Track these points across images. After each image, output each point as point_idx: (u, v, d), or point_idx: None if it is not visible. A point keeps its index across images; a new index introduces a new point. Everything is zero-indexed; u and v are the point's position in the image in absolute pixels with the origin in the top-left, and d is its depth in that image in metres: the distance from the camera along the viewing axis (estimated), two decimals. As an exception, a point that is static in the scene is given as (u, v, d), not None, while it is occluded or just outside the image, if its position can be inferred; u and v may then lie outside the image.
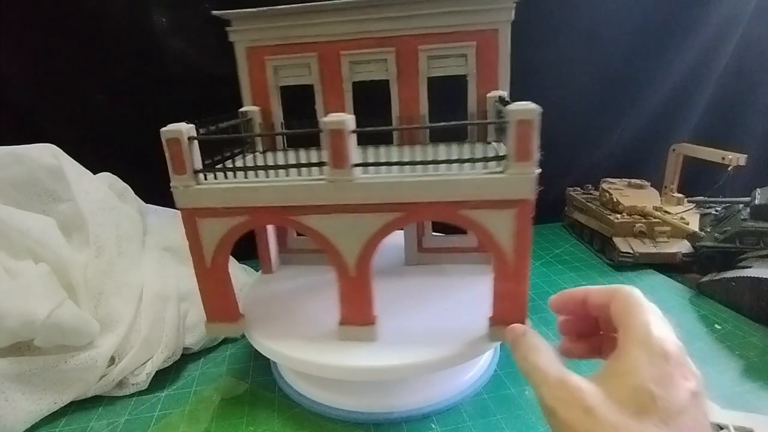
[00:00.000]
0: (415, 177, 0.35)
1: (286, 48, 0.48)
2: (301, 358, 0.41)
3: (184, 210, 0.39)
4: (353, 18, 0.45)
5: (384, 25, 0.46)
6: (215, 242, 0.40)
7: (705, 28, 0.84)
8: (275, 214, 0.39)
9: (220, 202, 0.38)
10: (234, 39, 0.48)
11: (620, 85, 0.84)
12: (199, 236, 0.40)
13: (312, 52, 0.48)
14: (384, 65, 0.47)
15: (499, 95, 0.46)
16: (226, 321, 0.44)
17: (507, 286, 0.37)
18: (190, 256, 0.41)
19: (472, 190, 0.34)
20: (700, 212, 0.73)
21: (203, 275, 0.41)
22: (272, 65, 0.49)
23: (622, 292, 0.28)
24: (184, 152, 0.36)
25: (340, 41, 0.47)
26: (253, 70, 0.49)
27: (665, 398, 0.23)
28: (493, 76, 0.47)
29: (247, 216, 0.39)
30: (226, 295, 0.43)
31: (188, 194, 0.38)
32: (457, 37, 0.45)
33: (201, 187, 0.38)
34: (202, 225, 0.39)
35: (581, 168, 0.88)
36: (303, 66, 0.48)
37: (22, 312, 0.41)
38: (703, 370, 0.45)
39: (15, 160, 0.47)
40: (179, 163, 0.37)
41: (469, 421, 0.42)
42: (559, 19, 0.77)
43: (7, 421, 0.42)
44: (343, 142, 0.34)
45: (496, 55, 0.46)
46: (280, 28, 0.47)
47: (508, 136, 0.33)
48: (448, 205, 0.35)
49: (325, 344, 0.41)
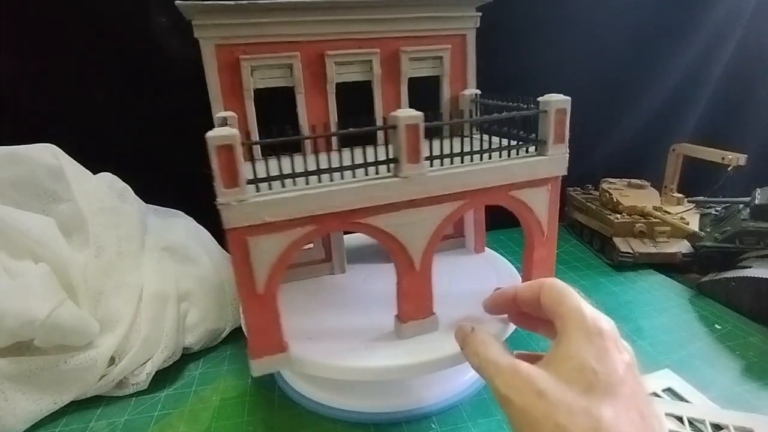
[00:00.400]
0: (476, 166, 0.38)
1: (263, 47, 0.44)
2: (360, 365, 0.38)
3: (235, 230, 0.33)
4: (339, 18, 0.45)
5: (368, 26, 0.46)
6: (271, 263, 0.35)
7: (705, 28, 0.84)
8: (342, 219, 0.36)
9: (281, 214, 0.34)
10: (200, 35, 0.42)
11: (620, 85, 0.84)
12: (250, 258, 0.34)
13: (294, 52, 0.45)
14: (368, 66, 0.47)
15: (474, 93, 0.51)
16: (274, 353, 0.38)
17: (542, 253, 0.43)
18: (237, 284, 0.35)
19: (522, 173, 0.39)
20: (700, 212, 0.73)
21: (253, 304, 0.36)
22: (249, 66, 0.44)
23: (547, 284, 0.32)
24: (237, 161, 0.32)
25: (325, 41, 0.45)
26: (224, 71, 0.44)
27: (606, 372, 0.26)
28: (463, 76, 0.52)
29: (312, 226, 0.35)
30: (276, 325, 0.37)
31: (242, 210, 0.33)
32: (435, 40, 0.49)
33: (259, 200, 0.33)
34: (255, 244, 0.34)
35: (581, 168, 0.88)
36: (283, 67, 0.45)
37: (22, 312, 0.41)
38: (703, 370, 0.46)
39: (15, 160, 0.47)
40: (230, 174, 0.32)
41: (469, 421, 0.42)
42: (560, 19, 0.77)
43: (7, 421, 0.42)
44: (418, 136, 0.35)
45: (465, 57, 0.51)
46: (257, 24, 0.43)
47: (545, 123, 0.39)
48: (501, 188, 0.39)
49: (366, 347, 0.40)
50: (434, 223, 0.38)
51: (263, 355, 0.38)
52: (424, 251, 0.38)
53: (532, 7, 0.76)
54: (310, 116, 0.45)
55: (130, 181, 0.58)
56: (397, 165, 0.36)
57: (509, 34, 0.76)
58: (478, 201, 0.39)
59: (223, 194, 0.32)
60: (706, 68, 0.88)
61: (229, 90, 0.44)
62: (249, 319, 0.36)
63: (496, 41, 0.75)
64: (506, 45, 0.76)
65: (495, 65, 0.75)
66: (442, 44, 0.49)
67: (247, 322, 0.37)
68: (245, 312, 0.36)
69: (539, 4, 0.76)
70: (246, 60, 0.43)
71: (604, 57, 0.81)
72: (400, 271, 0.39)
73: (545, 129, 0.39)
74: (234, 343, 0.55)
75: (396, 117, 0.34)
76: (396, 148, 0.35)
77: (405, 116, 0.34)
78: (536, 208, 0.41)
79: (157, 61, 0.65)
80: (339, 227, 0.37)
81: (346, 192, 0.35)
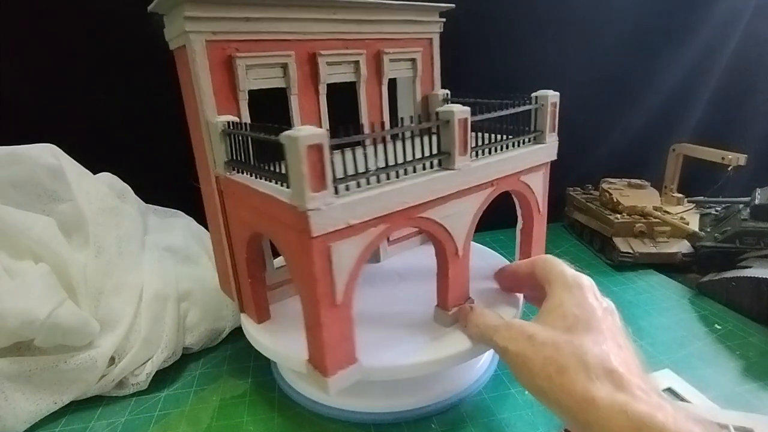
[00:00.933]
0: (503, 155, 0.42)
1: (256, 45, 0.41)
2: (428, 359, 0.38)
3: (320, 237, 0.31)
4: (329, 17, 0.44)
5: (355, 27, 0.46)
6: (350, 269, 0.33)
7: (705, 28, 0.84)
8: (407, 215, 0.35)
9: (363, 215, 0.32)
10: (190, 29, 0.37)
11: (620, 85, 0.84)
12: (332, 266, 0.32)
13: (289, 51, 0.42)
14: (355, 67, 0.47)
15: (445, 93, 0.53)
16: (348, 366, 0.36)
17: (539, 228, 0.49)
18: (313, 298, 0.33)
19: (529, 160, 0.44)
20: (700, 212, 0.73)
21: (332, 317, 0.33)
22: (244, 64, 0.40)
23: (540, 258, 0.39)
24: (326, 161, 0.30)
25: (316, 40, 0.44)
26: (215, 71, 0.39)
27: (585, 315, 0.32)
28: (432, 78, 0.54)
29: (383, 225, 0.34)
30: (351, 335, 0.36)
31: (329, 215, 0.30)
32: (410, 43, 0.50)
33: (345, 201, 0.31)
34: (337, 251, 0.32)
35: (581, 168, 0.88)
36: (277, 67, 0.42)
37: (22, 312, 0.41)
38: (703, 370, 0.46)
39: (15, 160, 0.47)
40: (320, 175, 0.29)
41: (469, 421, 0.42)
42: (560, 19, 0.77)
43: (7, 421, 0.42)
44: (467, 130, 0.37)
45: (433, 60, 0.53)
46: (250, 20, 0.40)
47: (542, 115, 0.44)
48: (516, 174, 0.43)
49: (425, 341, 0.40)
50: (473, 211, 0.41)
51: (337, 371, 0.35)
52: (466, 238, 0.41)
53: (532, 7, 0.76)
54: (303, 118, 0.45)
55: (130, 181, 0.58)
56: (449, 157, 0.37)
57: (509, 34, 0.76)
58: (502, 187, 0.43)
59: (312, 198, 0.29)
60: (706, 68, 0.88)
61: (222, 91, 0.40)
62: (326, 334, 0.33)
63: (496, 41, 0.76)
64: (506, 45, 0.76)
65: (495, 65, 0.76)
66: (415, 47, 0.51)
67: (321, 337, 0.34)
68: (321, 327, 0.33)
69: (539, 4, 0.76)
70: (241, 58, 0.40)
71: (604, 57, 0.81)
72: (446, 260, 0.40)
73: (542, 120, 0.45)
74: (234, 343, 0.55)
75: (450, 111, 0.36)
76: (448, 142, 0.37)
77: (458, 110, 0.36)
78: (536, 189, 0.46)
79: (157, 61, 0.65)
80: (404, 224, 0.36)
81: (414, 187, 0.35)
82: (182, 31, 0.38)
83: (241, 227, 0.41)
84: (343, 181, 0.32)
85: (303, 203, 0.29)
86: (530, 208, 0.47)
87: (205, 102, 0.39)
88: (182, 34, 0.38)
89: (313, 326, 0.34)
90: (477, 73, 0.74)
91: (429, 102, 0.54)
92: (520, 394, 0.44)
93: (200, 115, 0.40)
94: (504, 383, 0.46)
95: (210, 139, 0.40)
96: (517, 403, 0.43)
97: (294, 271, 0.35)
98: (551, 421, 0.41)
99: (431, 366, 0.39)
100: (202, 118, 0.40)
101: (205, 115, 0.40)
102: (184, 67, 0.41)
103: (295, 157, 0.29)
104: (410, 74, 0.52)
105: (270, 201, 0.34)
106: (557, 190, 0.87)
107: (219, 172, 0.41)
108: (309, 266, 0.32)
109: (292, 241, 0.33)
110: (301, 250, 0.32)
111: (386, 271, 0.54)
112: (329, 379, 0.35)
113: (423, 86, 0.53)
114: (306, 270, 0.32)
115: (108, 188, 0.54)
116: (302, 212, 0.30)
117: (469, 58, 0.75)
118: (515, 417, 0.42)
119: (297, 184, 0.30)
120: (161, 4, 0.39)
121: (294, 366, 0.40)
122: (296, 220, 0.31)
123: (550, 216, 0.49)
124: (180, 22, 0.37)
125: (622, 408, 0.26)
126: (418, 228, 0.38)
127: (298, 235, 0.31)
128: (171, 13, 0.40)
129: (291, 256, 0.35)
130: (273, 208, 0.34)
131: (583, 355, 0.29)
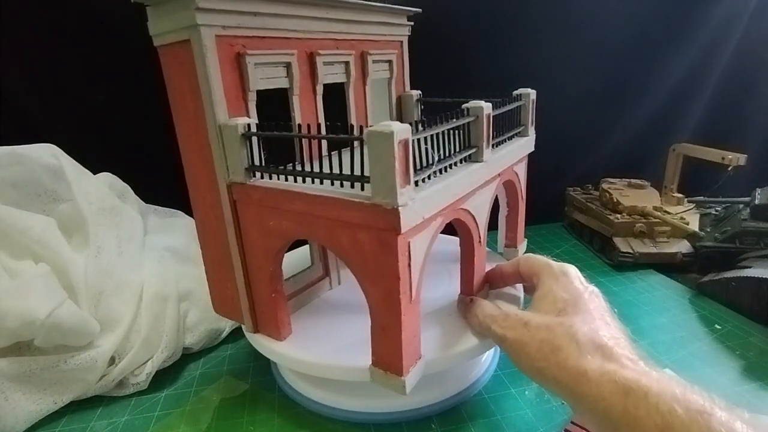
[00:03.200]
0: (509, 147, 0.45)
1: (264, 42, 0.38)
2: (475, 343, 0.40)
3: (404, 234, 0.30)
4: (324, 16, 0.43)
5: (344, 27, 0.46)
6: (421, 264, 0.33)
7: (705, 28, 0.84)
8: (453, 207, 0.36)
9: (433, 208, 0.33)
10: (202, 21, 0.34)
11: (620, 85, 0.85)
12: (411, 263, 0.32)
13: (292, 50, 0.41)
14: (345, 67, 0.47)
15: (418, 93, 0.55)
16: (417, 362, 0.36)
17: (522, 214, 0.53)
18: (393, 297, 0.32)
19: (522, 151, 0.49)
20: (700, 212, 0.73)
21: (409, 314, 0.33)
22: (254, 63, 0.38)
23: (522, 258, 0.43)
24: (410, 156, 0.29)
25: (314, 39, 0.43)
26: (225, 68, 0.36)
27: (573, 298, 0.35)
28: (403, 79, 0.56)
29: (440, 218, 0.35)
30: (419, 331, 0.36)
31: (413, 210, 0.30)
32: (387, 45, 0.52)
33: (422, 195, 0.31)
34: (414, 246, 0.32)
35: (581, 168, 0.88)
36: (281, 66, 0.40)
37: (22, 312, 0.41)
38: (703, 370, 0.46)
39: (15, 160, 0.47)
40: (406, 170, 0.29)
41: (469, 421, 0.42)
42: (560, 20, 0.77)
43: (7, 421, 0.42)
44: (491, 125, 0.40)
45: (403, 62, 0.55)
46: (258, 15, 0.37)
47: (525, 111, 0.48)
48: (512, 165, 0.47)
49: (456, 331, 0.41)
50: (489, 200, 0.43)
51: (410, 369, 0.35)
52: (485, 226, 0.43)
53: (533, 7, 0.76)
54: (302, 120, 0.43)
55: (130, 181, 0.58)
56: (478, 150, 0.39)
57: (510, 34, 0.76)
58: (504, 177, 0.46)
59: (401, 194, 0.29)
60: (706, 68, 0.88)
61: (231, 91, 0.37)
62: (404, 333, 0.33)
63: (496, 41, 0.76)
64: (507, 45, 0.76)
65: (495, 65, 0.76)
66: (391, 49, 0.53)
67: (399, 337, 0.33)
68: (400, 326, 0.32)
69: (539, 4, 0.76)
70: (251, 56, 0.37)
71: (605, 57, 0.81)
72: (471, 248, 0.42)
73: (526, 116, 0.49)
74: (234, 343, 0.55)
75: (479, 107, 0.37)
76: (477, 136, 0.39)
77: (486, 106, 0.38)
78: (521, 177, 0.51)
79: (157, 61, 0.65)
80: (450, 216, 0.37)
81: (462, 180, 0.36)
82: (187, 24, 0.34)
83: (268, 238, 0.38)
84: (421, 173, 0.32)
85: (393, 200, 0.29)
86: (516, 195, 0.52)
87: (216, 103, 0.36)
88: (186, 27, 0.35)
89: (388, 326, 0.33)
90: (480, 73, 0.74)
91: (402, 102, 0.56)
92: (520, 394, 0.44)
93: (207, 118, 0.37)
94: (504, 383, 0.46)
95: (221, 144, 0.37)
96: (517, 403, 0.43)
97: (365, 273, 0.34)
98: (551, 421, 0.41)
99: (478, 350, 0.40)
100: (211, 122, 0.36)
101: (215, 118, 0.36)
102: (179, 66, 0.37)
103: (385, 153, 0.28)
104: (387, 75, 0.53)
105: (330, 203, 0.32)
106: (557, 190, 0.87)
107: (235, 179, 0.37)
108: (392, 265, 0.31)
109: (365, 242, 0.32)
110: (380, 249, 0.31)
111: None
112: (406, 378, 0.34)
113: (396, 87, 0.55)
114: (386, 269, 0.32)
115: (108, 188, 0.54)
116: (389, 210, 0.29)
117: (473, 59, 0.75)
118: (515, 417, 0.42)
119: (385, 181, 0.29)
120: None
121: (351, 377, 0.38)
122: (378, 219, 0.30)
123: (551, 216, 0.50)
124: (184, 13, 0.34)
125: (611, 377, 0.28)
126: (457, 219, 0.39)
127: (378, 234, 0.31)
128: (166, 3, 0.36)
129: (360, 258, 0.33)
130: (334, 210, 0.32)
131: (574, 334, 0.31)
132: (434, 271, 0.51)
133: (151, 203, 0.62)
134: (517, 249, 0.55)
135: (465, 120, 0.37)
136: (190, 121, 0.39)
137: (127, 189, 0.57)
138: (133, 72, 0.65)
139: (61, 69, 0.64)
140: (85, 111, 0.66)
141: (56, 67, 0.64)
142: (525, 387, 0.45)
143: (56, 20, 0.62)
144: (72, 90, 0.65)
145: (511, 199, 0.52)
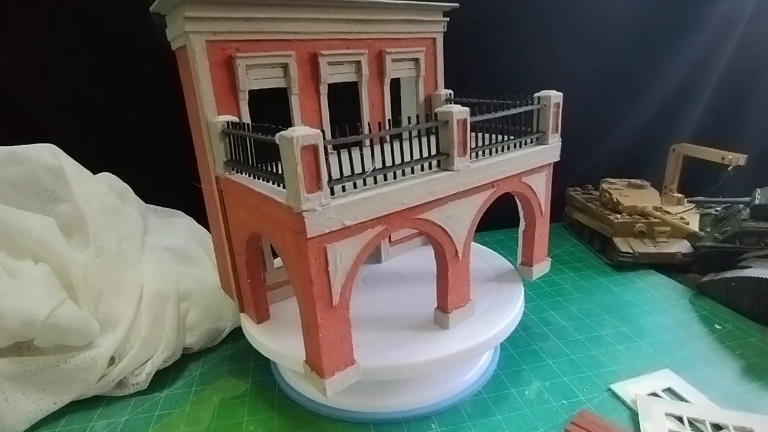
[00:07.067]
0: (504, 156, 0.42)
1: (257, 45, 0.41)
2: (428, 358, 0.39)
3: (315, 238, 0.31)
4: (330, 17, 0.44)
5: (357, 26, 0.46)
6: (346, 269, 0.34)
7: (705, 28, 0.84)
8: (405, 216, 0.36)
9: (359, 216, 0.33)
10: (190, 29, 0.37)
11: (620, 85, 0.85)
12: (328, 267, 0.33)
13: (290, 51, 0.43)
14: (356, 67, 0.47)
15: (449, 93, 0.53)
16: (346, 368, 0.36)
17: (542, 230, 0.49)
18: (309, 299, 0.33)
19: (531, 161, 0.44)
20: (700, 212, 0.73)
21: (328, 319, 0.34)
22: (244, 64, 0.40)
23: None
24: (321, 162, 0.30)
25: (317, 40, 0.44)
26: (216, 71, 0.39)
27: None
28: (435, 77, 0.54)
29: (381, 226, 0.34)
30: (349, 337, 0.36)
31: (325, 215, 0.31)
32: (413, 42, 0.50)
33: (341, 203, 0.32)
34: (333, 252, 0.32)
35: (581, 168, 0.88)
36: (277, 66, 0.43)
37: (22, 312, 0.41)
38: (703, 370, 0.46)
39: (15, 160, 0.47)
40: (314, 177, 0.30)
41: (469, 421, 0.42)
42: (560, 19, 0.77)
43: (7, 421, 0.42)
44: (466, 131, 0.37)
45: (436, 60, 0.53)
46: (250, 20, 0.40)
47: (544, 116, 0.44)
48: (517, 175, 0.44)
49: (423, 341, 0.40)
50: (473, 212, 0.41)
51: (335, 372, 0.35)
52: (465, 240, 0.41)
53: (533, 7, 0.76)
54: (303, 118, 0.45)
55: (130, 181, 0.58)
56: (448, 158, 0.37)
57: (510, 34, 0.76)
58: (502, 188, 0.43)
59: (307, 200, 0.30)
60: (707, 68, 0.88)
61: (222, 91, 0.40)
62: (322, 335, 0.33)
63: (496, 41, 0.76)
64: (507, 45, 0.76)
65: (496, 65, 0.76)
66: (418, 46, 0.51)
67: (317, 339, 0.34)
68: (318, 328, 0.33)
69: (541, 5, 0.76)
70: (241, 58, 0.40)
71: (605, 57, 0.82)
72: (445, 262, 0.40)
73: (545, 121, 0.45)
74: (234, 343, 0.55)
75: (449, 112, 0.35)
76: (447, 143, 0.37)
77: (457, 111, 0.36)
78: (538, 190, 0.47)
79: (157, 61, 0.65)
80: (402, 225, 0.36)
81: (412, 188, 0.35)
82: (182, 31, 0.38)
83: (240, 227, 0.41)
84: (339, 182, 0.32)
85: (298, 204, 0.30)
86: (532, 210, 0.47)
87: (205, 102, 0.39)
88: (182, 34, 0.38)
89: (310, 327, 0.34)
90: (480, 73, 0.74)
91: (432, 102, 0.53)
92: (520, 394, 0.44)
93: (200, 114, 0.40)
94: (504, 383, 0.46)
95: (210, 139, 0.40)
96: (518, 403, 0.43)
97: (291, 271, 0.35)
98: (551, 421, 0.41)
99: (429, 366, 0.39)
100: (202, 118, 0.40)
101: (204, 115, 0.40)
102: (185, 67, 0.41)
103: (290, 158, 0.29)
104: (413, 74, 0.52)
105: (267, 201, 0.34)
106: (557, 190, 0.87)
107: (219, 172, 0.41)
108: (305, 267, 0.32)
109: (289, 242, 0.33)
110: (297, 251, 0.32)
111: (387, 271, 0.54)
112: (326, 381, 0.35)
113: (426, 86, 0.53)
114: (302, 271, 0.33)
115: (108, 188, 0.54)
116: (297, 213, 0.30)
117: (473, 59, 0.75)
118: (515, 417, 0.42)
119: (292, 185, 0.30)
120: (162, 4, 0.39)
121: (293, 366, 0.40)
122: (292, 221, 0.31)
123: (550, 216, 0.49)
124: (180, 22, 0.38)
125: None
126: (417, 229, 0.38)
127: (294, 236, 0.32)
128: (172, 13, 0.40)
129: (287, 257, 0.35)
130: (271, 209, 0.34)
131: None
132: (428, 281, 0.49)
133: (151, 203, 0.62)
134: (533, 269, 0.50)
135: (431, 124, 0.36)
136: (194, 116, 0.43)
137: (127, 189, 0.57)
138: (134, 72, 0.65)
139: (61, 69, 0.64)
140: (85, 111, 0.66)
141: (56, 67, 0.64)
142: (525, 387, 0.45)
143: (56, 20, 0.62)
144: (72, 90, 0.65)
145: (527, 214, 0.48)
